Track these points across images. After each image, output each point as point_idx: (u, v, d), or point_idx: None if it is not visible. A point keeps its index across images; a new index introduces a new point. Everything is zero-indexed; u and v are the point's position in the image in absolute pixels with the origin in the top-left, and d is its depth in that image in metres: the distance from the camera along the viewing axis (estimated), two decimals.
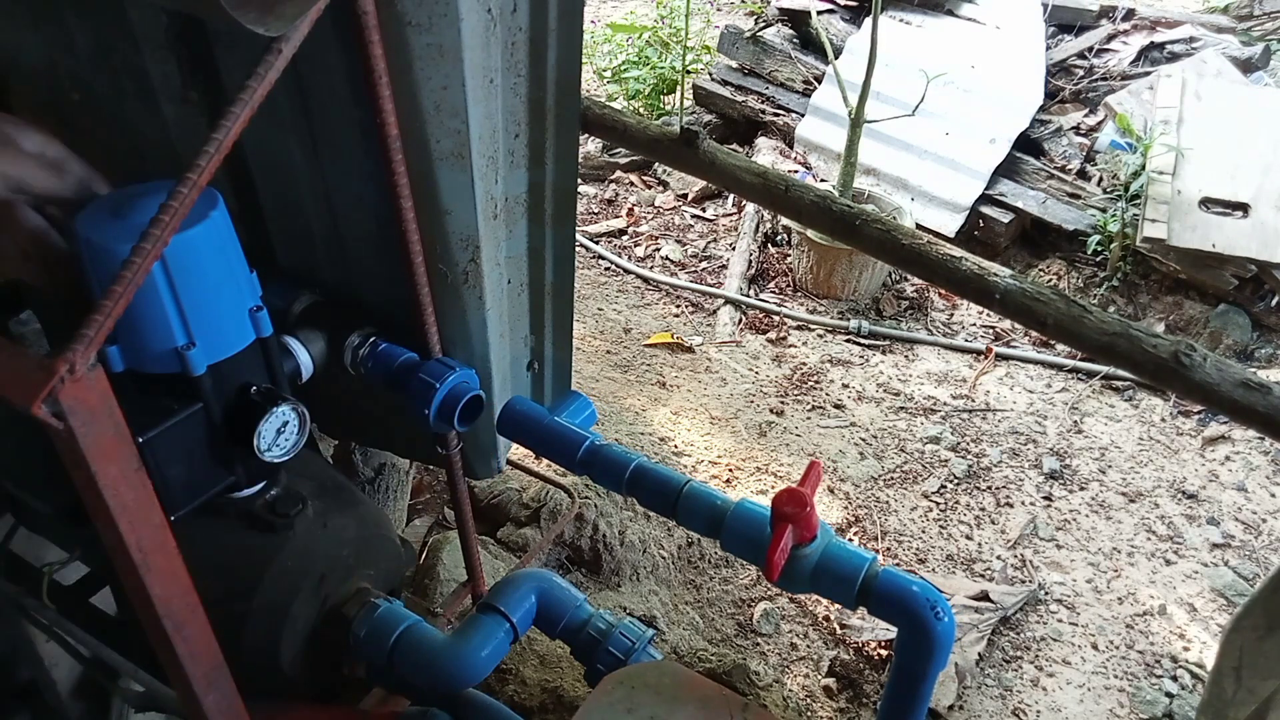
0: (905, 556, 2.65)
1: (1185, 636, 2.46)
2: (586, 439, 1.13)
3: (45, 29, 1.14)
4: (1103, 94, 4.12)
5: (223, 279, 0.92)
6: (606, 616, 1.21)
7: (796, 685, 2.25)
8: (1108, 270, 3.66)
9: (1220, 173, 3.53)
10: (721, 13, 6.17)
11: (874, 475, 2.93)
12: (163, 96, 1.12)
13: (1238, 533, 2.77)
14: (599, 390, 3.20)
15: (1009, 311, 1.62)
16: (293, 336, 1.12)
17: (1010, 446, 3.08)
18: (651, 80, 5.03)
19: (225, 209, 0.92)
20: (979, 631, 2.39)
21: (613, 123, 1.92)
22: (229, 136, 0.76)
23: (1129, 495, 2.90)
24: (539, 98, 1.06)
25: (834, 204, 1.77)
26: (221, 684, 0.91)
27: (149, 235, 0.72)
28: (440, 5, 0.89)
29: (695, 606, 2.44)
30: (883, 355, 3.53)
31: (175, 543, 0.80)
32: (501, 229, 1.14)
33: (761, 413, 3.17)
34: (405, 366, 1.13)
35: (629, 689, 1.08)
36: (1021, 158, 3.91)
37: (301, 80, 1.02)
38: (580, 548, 2.38)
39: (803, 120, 4.42)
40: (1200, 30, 4.36)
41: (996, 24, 4.32)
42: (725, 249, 4.10)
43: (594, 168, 4.68)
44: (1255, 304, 3.45)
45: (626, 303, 3.81)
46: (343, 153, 1.07)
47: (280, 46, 0.78)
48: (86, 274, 0.85)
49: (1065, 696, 2.30)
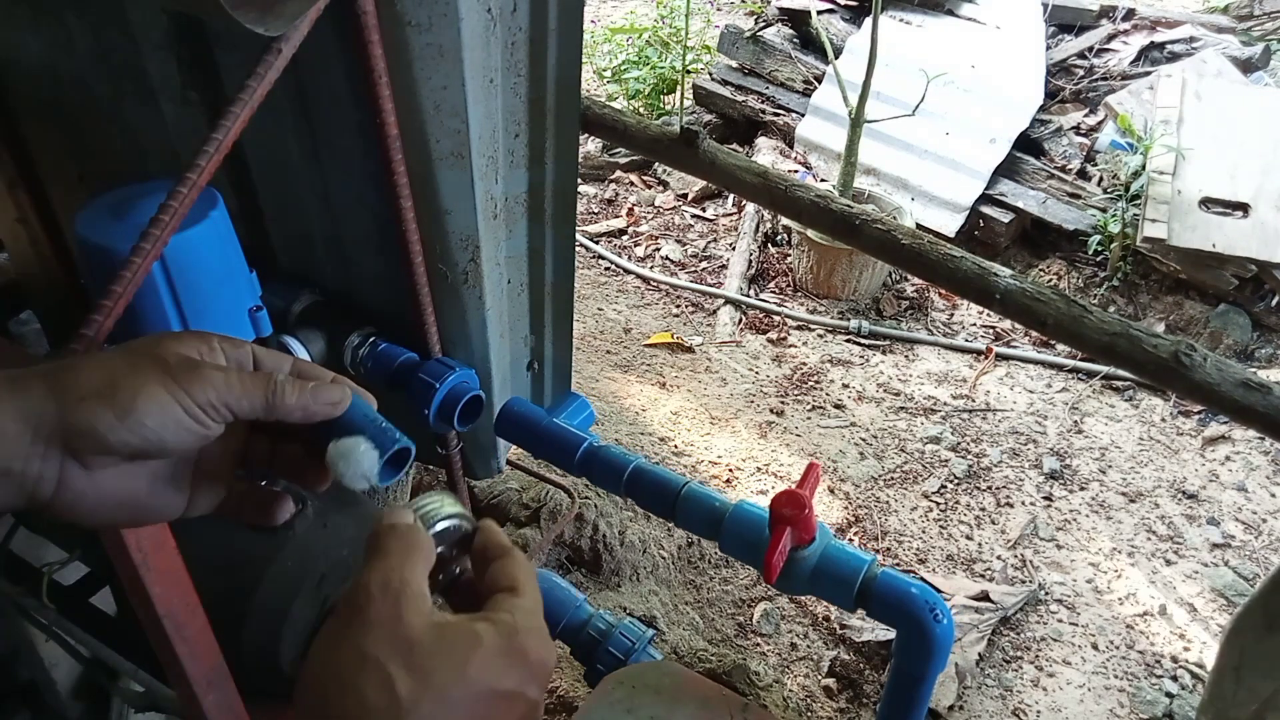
0: (905, 557, 2.65)
1: (1185, 636, 2.46)
2: (585, 440, 1.13)
3: (45, 29, 1.14)
4: (1103, 94, 4.11)
5: (222, 279, 0.92)
6: (606, 616, 1.22)
7: (796, 685, 2.25)
8: (1108, 270, 3.66)
9: (1220, 173, 3.53)
10: (721, 13, 6.16)
11: (874, 475, 2.93)
12: (163, 96, 1.12)
13: (1238, 533, 2.77)
14: (599, 390, 3.20)
15: (1009, 311, 1.62)
16: (292, 336, 1.12)
17: (1010, 446, 3.08)
18: (651, 80, 5.03)
19: (225, 209, 0.93)
20: (979, 631, 2.39)
21: (613, 123, 1.92)
22: (229, 136, 0.76)
23: (1129, 495, 2.90)
24: (539, 98, 1.06)
25: (834, 204, 1.77)
26: (221, 684, 0.91)
27: (149, 235, 0.72)
28: (440, 5, 0.89)
29: (695, 606, 2.44)
30: (883, 355, 3.53)
31: (175, 543, 0.80)
32: (501, 229, 1.14)
33: (761, 413, 3.17)
34: (405, 366, 1.13)
35: (629, 689, 1.08)
36: (1022, 158, 3.91)
37: (301, 80, 1.02)
38: (580, 548, 2.38)
39: (803, 120, 4.42)
40: (1200, 30, 4.36)
41: (996, 24, 4.31)
42: (725, 249, 4.10)
43: (594, 168, 4.68)
44: (1255, 304, 3.45)
45: (626, 303, 3.80)
46: (343, 153, 1.07)
47: (280, 46, 0.78)
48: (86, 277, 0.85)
49: (1065, 696, 2.30)
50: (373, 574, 0.48)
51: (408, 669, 0.45)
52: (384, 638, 0.45)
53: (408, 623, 0.46)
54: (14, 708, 1.42)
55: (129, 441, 0.50)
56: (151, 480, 0.55)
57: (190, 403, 0.52)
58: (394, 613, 0.46)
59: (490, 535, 0.56)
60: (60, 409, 0.49)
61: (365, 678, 0.44)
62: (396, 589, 0.47)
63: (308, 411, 0.56)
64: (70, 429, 0.49)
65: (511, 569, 0.53)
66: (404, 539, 0.50)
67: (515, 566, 0.54)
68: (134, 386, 0.50)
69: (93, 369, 0.51)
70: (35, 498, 0.50)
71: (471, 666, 0.46)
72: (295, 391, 0.55)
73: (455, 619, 0.48)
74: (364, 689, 0.44)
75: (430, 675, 0.45)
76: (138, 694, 1.16)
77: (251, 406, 0.54)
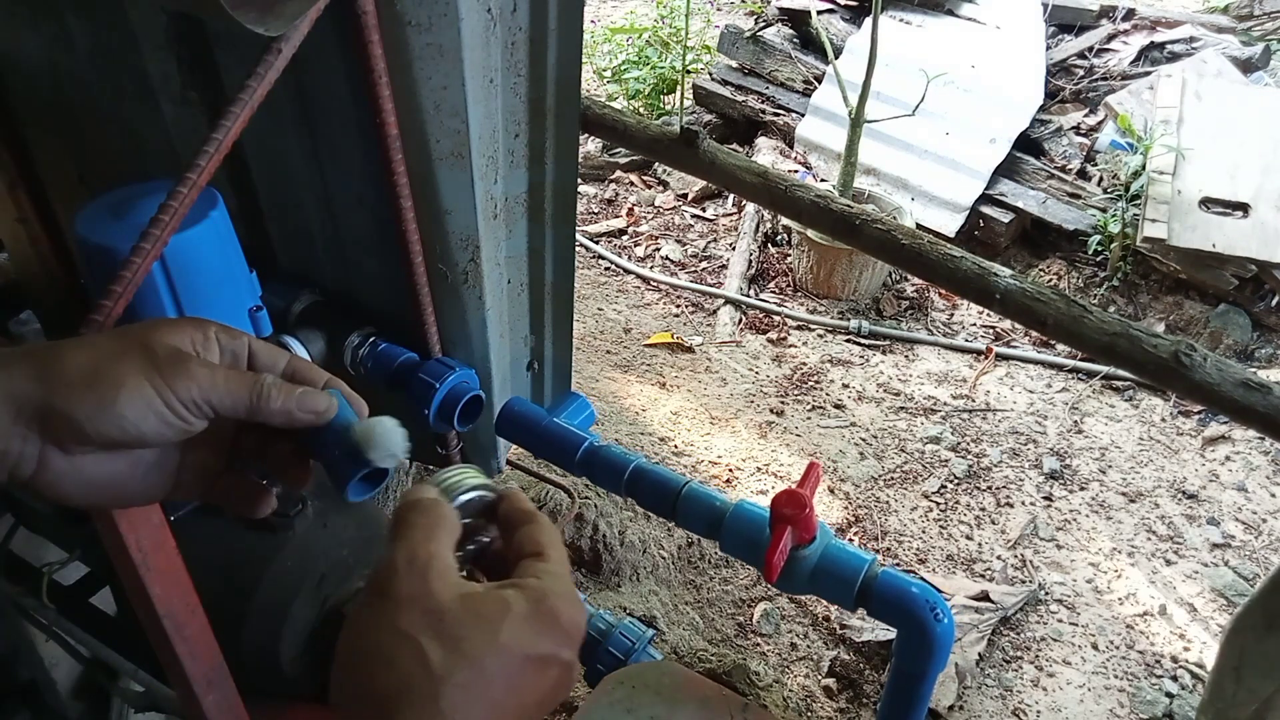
0: (905, 556, 2.65)
1: (1185, 636, 2.46)
2: (585, 440, 1.13)
3: (45, 29, 1.14)
4: (1103, 94, 4.11)
5: (222, 279, 0.92)
6: (606, 616, 1.21)
7: (796, 685, 2.25)
8: (1108, 270, 3.66)
9: (1220, 173, 3.53)
10: (721, 13, 6.16)
11: (874, 475, 2.93)
12: (163, 96, 1.12)
13: (1238, 533, 2.77)
14: (599, 390, 3.20)
15: (1009, 311, 1.62)
16: (292, 336, 1.12)
17: (1010, 446, 3.08)
18: (651, 80, 5.03)
19: (225, 209, 0.93)
20: (979, 631, 2.39)
21: (613, 123, 1.92)
22: (229, 136, 0.76)
23: (1129, 495, 2.90)
24: (539, 98, 1.06)
25: (834, 204, 1.77)
26: (221, 684, 0.91)
27: (148, 235, 0.72)
28: (440, 5, 0.89)
29: (695, 606, 2.44)
30: (883, 355, 3.53)
31: (175, 543, 0.81)
32: (501, 229, 1.14)
33: (761, 413, 3.17)
34: (405, 366, 1.13)
35: (629, 689, 1.08)
36: (1022, 158, 3.91)
37: (301, 80, 1.02)
38: (580, 548, 2.38)
39: (803, 120, 4.42)
40: (1200, 30, 4.36)
41: (996, 24, 4.31)
42: (725, 249, 4.10)
43: (594, 168, 4.68)
44: (1255, 304, 3.45)
45: (626, 303, 3.80)
46: (343, 153, 1.07)
47: (280, 46, 0.78)
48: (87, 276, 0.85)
49: (1065, 696, 2.29)
50: (398, 550, 0.48)
51: (439, 640, 0.44)
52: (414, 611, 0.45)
53: (436, 594, 0.46)
54: (14, 708, 1.42)
55: (107, 432, 0.50)
56: (133, 465, 0.54)
57: (172, 398, 0.51)
58: (422, 586, 0.46)
59: (514, 502, 0.56)
60: (44, 392, 0.49)
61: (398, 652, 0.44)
62: (423, 562, 0.47)
63: (291, 418, 0.55)
64: (51, 413, 0.49)
65: (536, 534, 0.53)
66: (428, 513, 0.50)
67: (540, 531, 0.53)
68: (117, 376, 0.50)
69: (79, 354, 0.50)
70: (15, 475, 0.50)
71: (503, 633, 0.46)
72: (281, 396, 0.55)
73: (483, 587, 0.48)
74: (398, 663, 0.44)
75: (462, 644, 0.44)
76: (138, 694, 1.17)
77: (235, 406, 0.53)
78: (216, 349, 0.55)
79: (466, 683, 0.44)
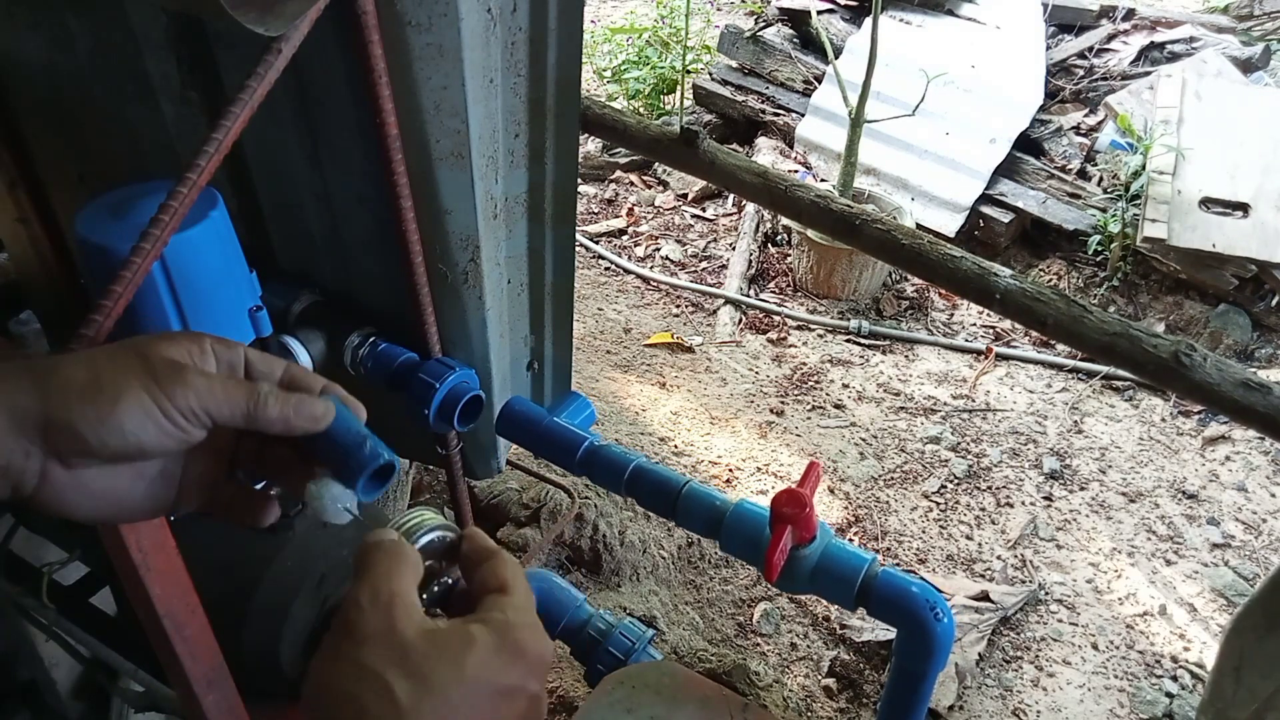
0: (905, 556, 2.65)
1: (1185, 636, 2.46)
2: (585, 439, 1.13)
3: (45, 29, 1.14)
4: (1103, 94, 4.11)
5: (222, 279, 0.92)
6: (606, 616, 1.22)
7: (796, 685, 2.25)
8: (1108, 270, 3.66)
9: (1220, 173, 3.53)
10: (721, 13, 6.16)
11: (874, 475, 2.93)
12: (163, 96, 1.12)
13: (1238, 533, 2.77)
14: (599, 390, 3.20)
15: (1009, 311, 1.62)
16: (292, 336, 1.12)
17: (1010, 446, 3.08)
18: (651, 80, 5.03)
19: (225, 209, 0.92)
20: (979, 631, 2.39)
21: (613, 123, 1.92)
22: (229, 136, 0.76)
23: (1129, 495, 2.90)
24: (539, 98, 1.06)
25: (834, 204, 1.77)
26: (221, 684, 0.91)
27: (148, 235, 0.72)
28: (440, 5, 0.89)
29: (695, 606, 2.44)
30: (883, 355, 3.53)
31: (175, 543, 0.81)
32: (501, 229, 1.14)
33: (761, 413, 3.17)
34: (405, 366, 1.13)
35: (629, 689, 1.08)
36: (1021, 158, 3.91)
37: (301, 80, 1.02)
38: (580, 548, 2.38)
39: (803, 120, 4.42)
40: (1200, 30, 4.36)
41: (996, 24, 4.32)
42: (725, 249, 4.10)
43: (594, 168, 4.68)
44: (1255, 304, 3.45)
45: (626, 303, 3.80)
46: (342, 153, 1.07)
47: (280, 46, 0.78)
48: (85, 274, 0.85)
49: (1065, 696, 2.29)
50: (362, 588, 0.48)
51: (405, 675, 0.45)
52: (378, 647, 0.45)
53: (400, 630, 0.46)
54: (14, 708, 1.42)
55: (108, 443, 0.50)
56: (135, 478, 0.55)
57: (170, 407, 0.51)
58: (386, 622, 0.46)
59: (474, 541, 0.56)
60: (44, 405, 0.49)
61: (363, 688, 0.44)
62: (387, 599, 0.47)
63: (289, 425, 0.56)
64: (51, 425, 0.49)
65: (499, 569, 0.53)
66: (389, 552, 0.50)
67: (502, 566, 0.54)
68: (116, 387, 0.50)
69: (78, 367, 0.51)
70: (18, 490, 0.50)
71: (469, 666, 0.46)
72: (278, 404, 0.55)
73: (448, 623, 0.49)
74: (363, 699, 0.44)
75: (428, 678, 0.45)
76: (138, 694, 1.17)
77: (233, 415, 0.54)
78: (213, 360, 0.56)
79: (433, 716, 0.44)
